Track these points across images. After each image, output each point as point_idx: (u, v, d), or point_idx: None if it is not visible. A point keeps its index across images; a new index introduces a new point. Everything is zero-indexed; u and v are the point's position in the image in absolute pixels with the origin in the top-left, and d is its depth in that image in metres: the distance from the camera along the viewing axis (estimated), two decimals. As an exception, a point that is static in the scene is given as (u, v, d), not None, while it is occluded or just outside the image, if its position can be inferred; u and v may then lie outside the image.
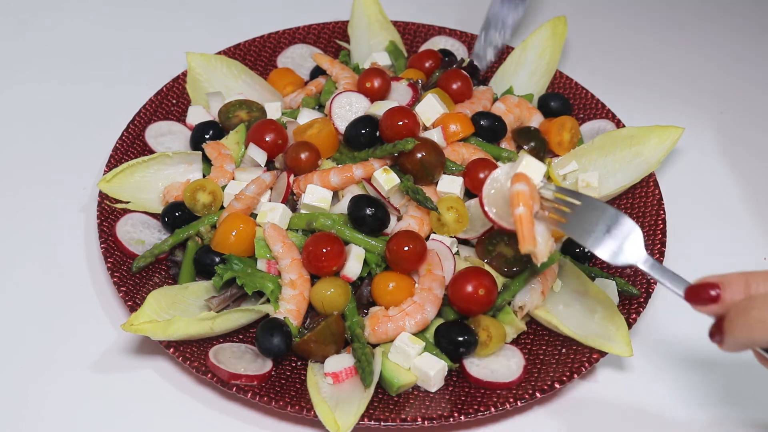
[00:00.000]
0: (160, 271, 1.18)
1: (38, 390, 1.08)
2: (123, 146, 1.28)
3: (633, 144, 1.27)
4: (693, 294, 0.90)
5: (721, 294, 0.87)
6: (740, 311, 0.85)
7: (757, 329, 0.83)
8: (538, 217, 0.98)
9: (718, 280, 0.88)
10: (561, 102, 1.38)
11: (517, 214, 0.96)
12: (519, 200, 0.97)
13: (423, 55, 1.40)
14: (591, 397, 1.12)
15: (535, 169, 1.00)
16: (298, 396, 1.05)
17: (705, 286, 0.89)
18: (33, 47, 1.53)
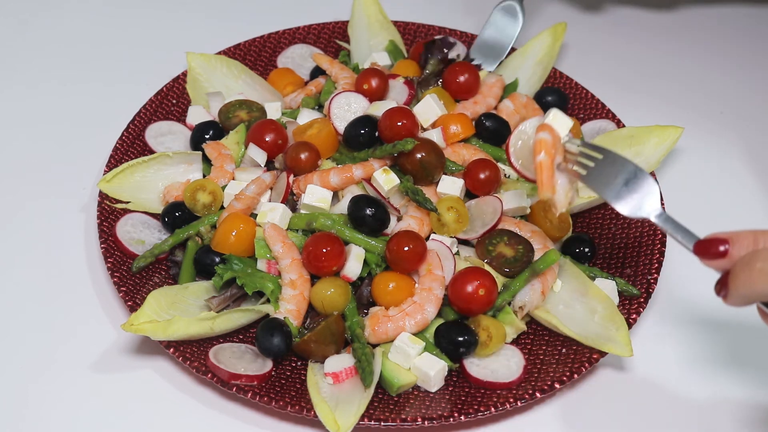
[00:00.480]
0: (160, 271, 1.18)
1: (38, 390, 1.08)
2: (123, 146, 1.28)
3: (633, 144, 1.27)
4: (702, 248, 0.91)
5: (729, 249, 0.89)
6: (744, 264, 0.86)
7: (760, 281, 0.84)
8: (561, 169, 1.02)
9: (728, 236, 0.89)
10: (557, 96, 1.38)
11: (537, 161, 1.01)
12: (541, 148, 1.01)
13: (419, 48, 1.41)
14: (591, 397, 1.12)
15: (562, 123, 1.03)
16: (298, 396, 1.05)
17: (714, 241, 0.90)
18: (33, 47, 1.54)
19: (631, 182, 0.97)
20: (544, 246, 1.18)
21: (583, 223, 1.29)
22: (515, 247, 1.16)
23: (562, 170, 1.02)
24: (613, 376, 1.14)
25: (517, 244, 1.16)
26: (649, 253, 1.21)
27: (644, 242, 1.23)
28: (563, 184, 1.02)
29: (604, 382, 1.14)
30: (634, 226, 1.26)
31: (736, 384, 1.14)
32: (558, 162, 1.02)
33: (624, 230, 1.26)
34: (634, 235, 1.25)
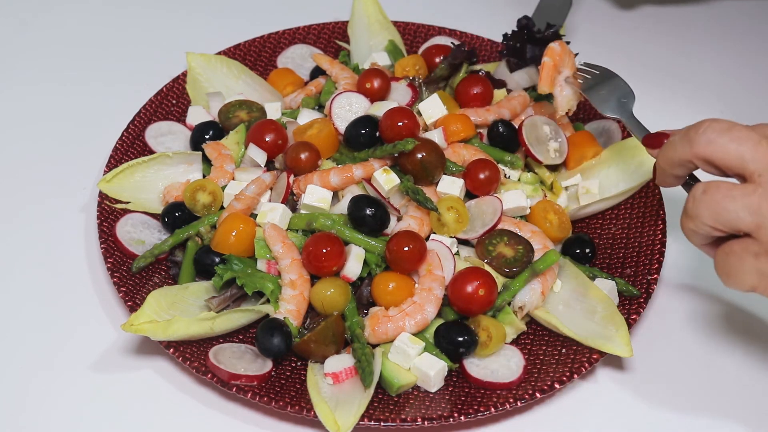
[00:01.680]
0: (160, 272, 1.18)
1: (38, 390, 1.08)
2: (123, 146, 1.28)
3: (636, 154, 1.26)
4: (649, 140, 1.06)
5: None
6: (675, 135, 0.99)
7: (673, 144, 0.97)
8: (568, 81, 1.24)
9: (671, 131, 1.02)
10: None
11: (542, 62, 1.22)
12: (548, 54, 1.23)
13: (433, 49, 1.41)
14: (591, 398, 1.12)
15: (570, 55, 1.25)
16: (298, 396, 1.05)
17: (659, 135, 1.04)
18: (33, 47, 1.54)
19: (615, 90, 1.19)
20: (544, 246, 1.18)
21: (583, 224, 1.29)
22: (515, 248, 1.16)
23: (569, 83, 1.24)
24: (613, 376, 1.14)
25: (517, 244, 1.16)
26: (649, 253, 1.21)
27: (644, 242, 1.23)
28: (568, 94, 1.24)
29: (604, 382, 1.14)
30: (634, 227, 1.26)
31: (736, 384, 1.14)
32: (567, 75, 1.23)
33: (624, 231, 1.26)
34: (634, 236, 1.25)
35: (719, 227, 0.92)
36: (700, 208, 0.92)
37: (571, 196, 1.28)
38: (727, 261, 0.93)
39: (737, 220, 0.90)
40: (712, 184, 0.92)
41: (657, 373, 1.15)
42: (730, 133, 0.91)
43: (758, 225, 0.89)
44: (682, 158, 0.95)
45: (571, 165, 1.30)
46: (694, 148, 0.93)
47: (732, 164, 0.91)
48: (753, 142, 0.90)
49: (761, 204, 0.88)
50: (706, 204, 0.91)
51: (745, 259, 0.91)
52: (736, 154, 0.90)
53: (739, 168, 0.91)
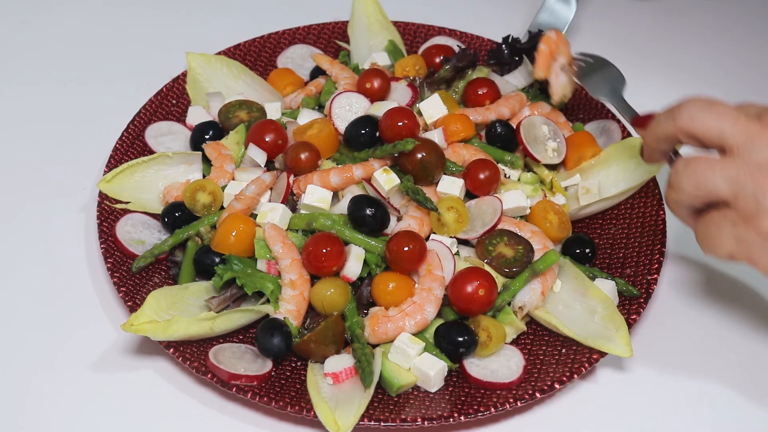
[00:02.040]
0: (160, 272, 1.18)
1: (38, 390, 1.08)
2: (123, 146, 1.28)
3: (636, 154, 1.26)
4: (637, 120, 1.12)
5: None
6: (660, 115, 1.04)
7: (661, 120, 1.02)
8: (563, 69, 1.29)
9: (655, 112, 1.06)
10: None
11: (539, 48, 1.28)
12: (544, 41, 1.28)
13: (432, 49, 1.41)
14: (591, 398, 1.12)
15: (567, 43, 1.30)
16: (298, 396, 1.05)
17: (646, 116, 1.09)
18: (33, 47, 1.54)
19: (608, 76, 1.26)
20: (544, 246, 1.18)
21: (583, 224, 1.29)
22: (515, 248, 1.16)
23: (564, 70, 1.28)
24: (613, 376, 1.14)
25: (517, 244, 1.16)
26: (649, 253, 1.21)
27: (644, 242, 1.23)
28: (564, 81, 1.29)
29: (604, 382, 1.14)
30: (634, 227, 1.26)
31: (736, 384, 1.14)
32: (562, 63, 1.28)
33: (624, 231, 1.26)
34: (634, 236, 1.25)
35: (700, 197, 0.97)
36: (682, 179, 0.97)
37: (571, 196, 1.28)
38: (707, 229, 0.97)
39: (716, 189, 0.95)
40: (694, 158, 0.97)
41: (657, 373, 1.15)
42: (711, 108, 0.97)
43: (736, 194, 0.93)
44: (667, 133, 1.01)
45: (570, 165, 1.30)
46: (677, 122, 0.99)
47: (712, 138, 0.96)
48: (732, 118, 0.95)
49: (739, 174, 0.93)
50: (688, 175, 0.97)
51: (723, 226, 0.95)
52: (717, 128, 0.96)
53: (719, 141, 0.96)
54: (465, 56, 1.36)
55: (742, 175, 0.93)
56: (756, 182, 0.92)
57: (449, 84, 1.38)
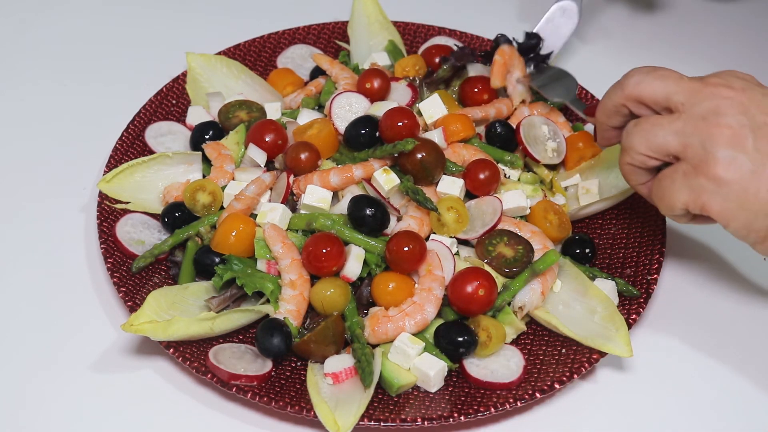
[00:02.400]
0: (160, 272, 1.18)
1: (38, 390, 1.08)
2: (123, 146, 1.28)
3: None
4: (589, 110, 1.20)
5: None
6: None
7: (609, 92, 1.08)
8: (519, 81, 1.34)
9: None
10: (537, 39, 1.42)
11: (494, 59, 1.33)
12: (498, 53, 1.33)
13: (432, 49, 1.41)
14: (591, 398, 1.12)
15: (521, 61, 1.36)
16: (298, 396, 1.05)
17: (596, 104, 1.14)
18: (33, 47, 1.54)
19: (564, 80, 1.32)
20: (544, 246, 1.18)
21: (583, 224, 1.29)
22: (515, 248, 1.16)
23: (520, 82, 1.34)
24: (613, 376, 1.14)
25: (516, 244, 1.16)
26: (649, 253, 1.21)
27: (644, 242, 1.23)
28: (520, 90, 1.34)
29: (604, 382, 1.14)
30: (634, 227, 1.26)
31: (736, 384, 1.14)
32: (518, 76, 1.34)
33: (624, 231, 1.26)
34: (634, 236, 1.25)
35: (651, 154, 1.02)
36: (632, 139, 1.03)
37: (571, 196, 1.28)
38: (660, 185, 1.02)
39: (666, 143, 1.00)
40: (643, 118, 1.03)
41: (657, 373, 1.15)
42: (655, 72, 1.03)
43: (684, 145, 0.98)
44: (616, 103, 1.07)
45: (570, 165, 1.30)
46: (624, 90, 1.05)
47: (659, 99, 1.02)
48: (675, 78, 1.02)
49: (685, 127, 0.98)
50: (638, 133, 1.02)
51: (675, 178, 1.00)
52: (661, 89, 1.01)
53: (665, 101, 1.01)
54: (463, 55, 1.36)
55: (688, 127, 0.98)
56: (701, 132, 0.97)
57: (448, 84, 1.38)
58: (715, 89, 0.99)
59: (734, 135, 0.96)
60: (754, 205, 0.96)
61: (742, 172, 0.95)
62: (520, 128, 1.27)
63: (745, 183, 0.95)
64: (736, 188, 0.96)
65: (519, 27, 1.57)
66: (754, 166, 0.95)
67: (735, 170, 0.95)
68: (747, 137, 0.96)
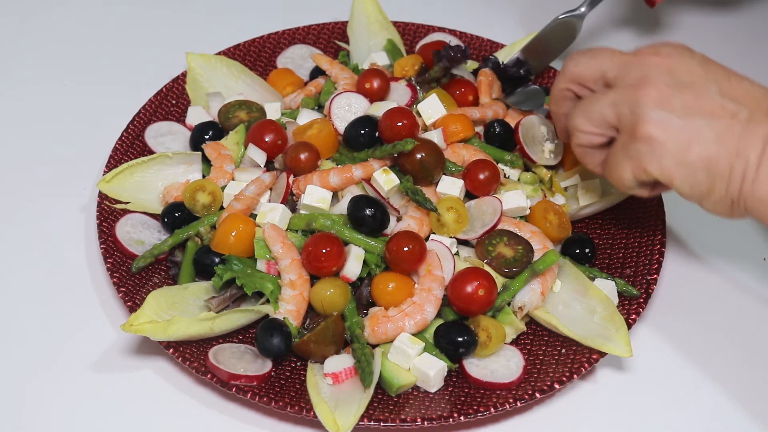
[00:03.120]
0: (159, 272, 1.18)
1: (38, 390, 1.08)
2: (123, 146, 1.28)
3: None
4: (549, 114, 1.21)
5: None
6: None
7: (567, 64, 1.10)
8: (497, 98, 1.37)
9: None
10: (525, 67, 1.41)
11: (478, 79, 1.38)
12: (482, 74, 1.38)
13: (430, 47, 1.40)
14: (590, 398, 1.12)
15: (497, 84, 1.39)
16: (298, 396, 1.05)
17: None
18: (33, 47, 1.54)
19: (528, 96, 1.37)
20: (544, 246, 1.18)
21: (583, 224, 1.29)
22: (515, 248, 1.16)
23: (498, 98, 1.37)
24: (613, 376, 1.14)
25: (516, 244, 1.17)
26: (649, 253, 1.21)
27: (644, 243, 1.23)
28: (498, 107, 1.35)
29: (604, 382, 1.14)
30: (634, 227, 1.26)
31: (736, 384, 1.14)
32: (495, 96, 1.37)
33: (624, 231, 1.26)
34: (634, 236, 1.25)
35: (594, 130, 1.05)
36: (575, 120, 1.06)
37: (570, 196, 1.28)
38: (609, 164, 1.04)
39: (602, 116, 1.03)
40: (583, 99, 1.07)
41: (657, 373, 1.15)
42: (590, 52, 1.07)
43: (618, 115, 1.01)
44: (560, 88, 1.11)
45: (568, 166, 1.30)
46: (565, 74, 1.09)
47: (595, 76, 1.06)
48: (608, 54, 1.05)
49: (617, 97, 1.01)
50: (578, 113, 1.05)
51: (617, 152, 1.02)
52: (596, 66, 1.05)
53: (602, 78, 1.05)
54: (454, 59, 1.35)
55: (619, 96, 1.01)
56: (631, 98, 0.99)
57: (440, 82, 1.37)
58: (643, 58, 1.01)
59: (660, 95, 0.97)
60: (689, 159, 0.97)
61: (673, 129, 0.97)
62: (519, 128, 1.27)
63: (677, 139, 0.97)
64: (670, 146, 0.97)
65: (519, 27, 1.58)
66: (682, 122, 0.96)
67: (665, 128, 0.97)
68: (673, 96, 0.97)
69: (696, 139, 0.96)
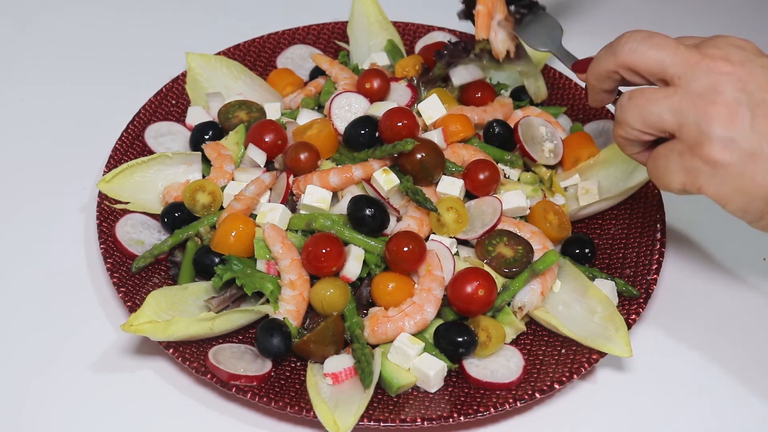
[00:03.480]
0: (159, 272, 1.18)
1: (38, 390, 1.08)
2: (123, 147, 1.28)
3: None
4: (577, 65, 1.12)
5: None
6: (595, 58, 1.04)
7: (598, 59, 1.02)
8: (501, 25, 1.28)
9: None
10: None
11: (476, 10, 1.28)
12: (481, 2, 1.28)
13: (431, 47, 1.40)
14: (590, 398, 1.12)
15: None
16: (298, 396, 1.05)
17: (586, 59, 1.09)
18: (33, 48, 1.54)
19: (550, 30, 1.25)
20: (544, 246, 1.18)
21: (582, 224, 1.29)
22: (515, 248, 1.16)
23: (502, 26, 1.28)
24: (613, 376, 1.14)
25: (516, 244, 1.17)
26: (649, 253, 1.21)
27: (644, 243, 1.23)
28: (503, 37, 1.29)
29: (604, 382, 1.14)
30: (634, 227, 1.26)
31: (736, 384, 1.14)
32: (499, 19, 1.27)
33: (624, 231, 1.26)
34: (634, 236, 1.25)
35: (646, 130, 0.97)
36: (626, 114, 0.98)
37: (570, 196, 1.28)
38: (656, 164, 0.98)
39: (661, 121, 0.95)
40: (637, 91, 0.97)
41: (657, 373, 1.15)
42: (650, 40, 0.96)
43: (680, 124, 0.94)
44: (608, 69, 1.00)
45: (567, 166, 1.30)
46: (618, 57, 0.98)
47: (653, 69, 0.96)
48: (672, 48, 0.95)
49: (681, 104, 0.93)
50: (632, 108, 0.97)
51: (670, 158, 0.96)
52: (657, 60, 0.95)
53: (660, 73, 0.96)
54: (456, 52, 1.35)
55: (684, 104, 0.93)
56: (698, 110, 0.92)
57: (445, 80, 1.37)
58: (713, 63, 0.93)
59: (731, 114, 0.91)
60: (751, 189, 0.92)
61: (739, 155, 0.91)
62: (518, 128, 1.27)
63: (741, 167, 0.91)
64: (732, 172, 0.92)
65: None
66: (751, 149, 0.91)
67: (731, 153, 0.91)
68: (744, 116, 0.91)
69: (763, 170, 0.91)
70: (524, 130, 1.28)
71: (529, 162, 1.29)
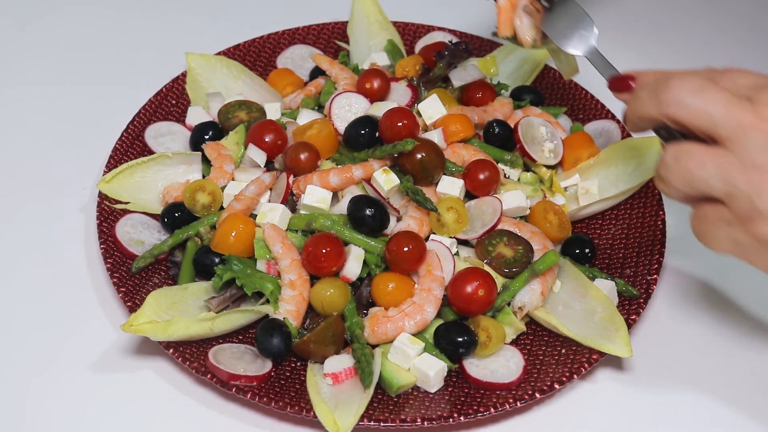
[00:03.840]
0: (159, 272, 1.18)
1: (38, 390, 1.08)
2: (123, 147, 1.28)
3: (636, 155, 1.27)
4: (614, 83, 1.02)
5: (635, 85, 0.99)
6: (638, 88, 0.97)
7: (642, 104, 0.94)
8: (526, 11, 1.18)
9: (637, 73, 1.00)
10: (534, 95, 1.39)
11: (498, 4, 1.19)
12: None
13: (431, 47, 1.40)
14: (591, 398, 1.12)
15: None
16: (298, 396, 1.05)
17: (625, 77, 1.01)
18: (33, 48, 1.54)
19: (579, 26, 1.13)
20: (544, 246, 1.18)
21: (583, 224, 1.29)
22: (515, 248, 1.16)
23: (528, 12, 1.18)
24: (613, 376, 1.14)
25: (516, 244, 1.17)
26: (649, 253, 1.21)
27: (644, 243, 1.23)
28: (527, 24, 1.18)
29: (604, 382, 1.14)
30: (634, 227, 1.26)
31: (735, 384, 1.14)
32: (524, 4, 1.17)
33: (624, 231, 1.26)
34: (634, 236, 1.25)
35: (691, 193, 0.91)
36: (671, 175, 0.92)
37: (570, 196, 1.28)
38: (702, 225, 0.92)
39: (708, 187, 0.89)
40: (684, 150, 0.90)
41: (657, 373, 1.15)
42: (700, 94, 0.89)
43: (729, 194, 0.88)
44: (651, 115, 0.93)
45: (567, 166, 1.30)
46: (662, 108, 0.91)
47: (703, 127, 0.89)
48: (723, 104, 0.88)
49: (731, 171, 0.87)
50: (677, 171, 0.91)
51: (718, 226, 0.90)
52: (707, 117, 0.89)
53: (710, 131, 0.89)
54: (457, 52, 1.35)
55: (735, 171, 0.87)
56: (750, 182, 0.86)
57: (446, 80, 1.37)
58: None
59: None
60: None
61: None
62: (518, 128, 1.27)
63: None
64: None
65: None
66: None
67: None
68: None
69: None
70: (524, 130, 1.28)
71: (529, 162, 1.29)
